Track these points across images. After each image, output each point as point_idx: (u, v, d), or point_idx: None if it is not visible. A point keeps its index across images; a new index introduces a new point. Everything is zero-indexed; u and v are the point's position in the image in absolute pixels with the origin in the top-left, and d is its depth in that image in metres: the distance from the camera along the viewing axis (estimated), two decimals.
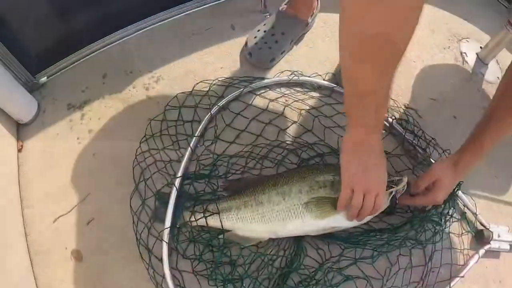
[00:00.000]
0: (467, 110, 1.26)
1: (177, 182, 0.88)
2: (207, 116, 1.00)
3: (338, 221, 0.81)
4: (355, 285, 0.86)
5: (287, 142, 1.03)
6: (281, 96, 1.10)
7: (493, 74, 1.46)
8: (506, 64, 1.27)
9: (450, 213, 0.99)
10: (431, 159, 1.05)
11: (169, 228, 0.84)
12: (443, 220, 0.97)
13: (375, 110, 0.69)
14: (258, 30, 1.13)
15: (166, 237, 0.83)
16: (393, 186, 0.82)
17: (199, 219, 0.85)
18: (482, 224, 1.03)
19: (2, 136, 1.01)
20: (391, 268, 0.91)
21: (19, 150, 1.05)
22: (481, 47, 1.50)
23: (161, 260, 0.83)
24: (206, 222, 0.84)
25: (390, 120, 1.09)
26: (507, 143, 1.21)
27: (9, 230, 0.93)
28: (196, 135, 0.96)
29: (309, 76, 1.13)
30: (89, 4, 1.13)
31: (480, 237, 1.02)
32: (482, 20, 1.60)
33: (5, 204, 0.95)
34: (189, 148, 0.94)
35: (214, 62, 1.15)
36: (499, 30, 1.31)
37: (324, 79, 1.15)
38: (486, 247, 1.00)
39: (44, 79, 1.13)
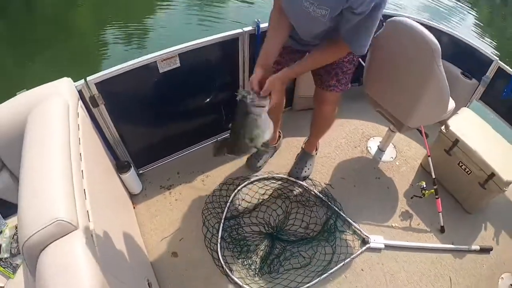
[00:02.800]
0: (364, 180, 2.68)
1: (221, 223, 2.39)
2: (231, 196, 2.52)
3: None
4: (297, 260, 2.29)
5: (270, 201, 2.55)
6: (267, 185, 2.62)
7: (388, 156, 2.84)
8: (400, 147, 2.85)
9: (338, 229, 2.44)
10: (338, 211, 2.54)
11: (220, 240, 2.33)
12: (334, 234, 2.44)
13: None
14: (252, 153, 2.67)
15: (219, 242, 2.31)
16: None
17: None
18: (364, 235, 2.42)
19: (125, 201, 2.39)
20: (314, 254, 2.33)
21: (134, 208, 2.47)
22: (380, 142, 2.94)
23: (217, 251, 2.27)
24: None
25: (315, 191, 2.60)
26: (390, 190, 2.70)
27: (136, 244, 2.21)
28: (228, 205, 2.48)
29: (276, 173, 2.68)
30: (168, 131, 2.61)
31: (363, 241, 2.40)
32: (385, 121, 2.95)
33: (133, 235, 2.25)
34: (224, 212, 2.46)
35: (233, 167, 2.70)
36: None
37: (283, 173, 2.70)
38: (366, 246, 2.37)
39: (142, 171, 2.66)
